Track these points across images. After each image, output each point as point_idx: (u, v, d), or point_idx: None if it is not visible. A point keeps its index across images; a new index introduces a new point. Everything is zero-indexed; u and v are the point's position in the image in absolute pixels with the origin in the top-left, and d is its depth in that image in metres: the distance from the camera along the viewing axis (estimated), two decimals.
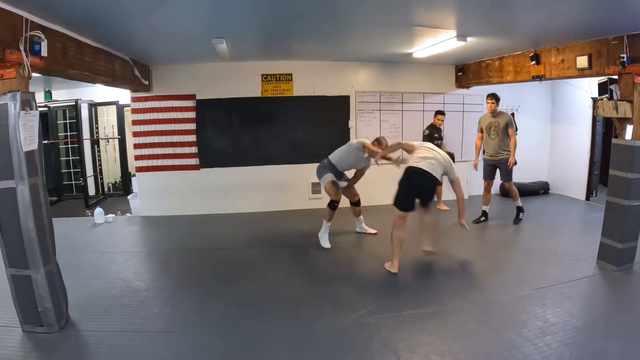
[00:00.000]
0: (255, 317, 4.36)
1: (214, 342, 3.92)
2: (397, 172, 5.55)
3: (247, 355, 3.72)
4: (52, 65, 4.34)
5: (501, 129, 7.50)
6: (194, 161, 8.62)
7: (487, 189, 7.92)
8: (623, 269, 5.34)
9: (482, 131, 7.86)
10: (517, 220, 7.69)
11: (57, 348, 3.80)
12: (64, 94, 10.64)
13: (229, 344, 3.88)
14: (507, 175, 7.67)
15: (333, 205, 6.39)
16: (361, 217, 7.16)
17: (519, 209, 7.74)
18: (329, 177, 6.44)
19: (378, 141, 6.44)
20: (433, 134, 8.40)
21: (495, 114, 7.61)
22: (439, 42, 6.20)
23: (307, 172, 8.56)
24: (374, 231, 7.09)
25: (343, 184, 6.73)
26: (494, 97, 7.58)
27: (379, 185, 7.16)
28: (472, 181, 9.68)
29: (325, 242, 6.43)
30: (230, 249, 6.58)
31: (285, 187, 8.84)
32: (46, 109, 10.58)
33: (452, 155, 6.96)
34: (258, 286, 5.12)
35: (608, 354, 3.60)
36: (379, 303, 4.59)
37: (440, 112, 8.60)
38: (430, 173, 5.27)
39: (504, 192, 9.91)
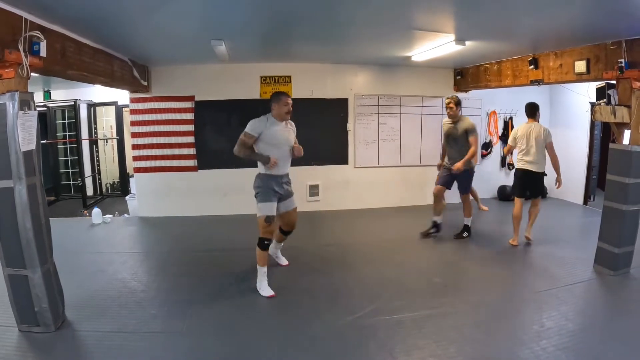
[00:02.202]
0: (252, 319, 4.37)
1: (211, 343, 3.91)
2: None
3: (244, 357, 3.72)
4: (51, 65, 4.35)
5: (459, 137, 6.64)
6: (192, 162, 8.62)
7: (438, 195, 6.97)
8: (620, 274, 5.36)
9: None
10: (459, 236, 6.97)
11: (53, 348, 3.80)
12: (62, 93, 10.63)
13: (226, 345, 3.88)
14: (464, 186, 6.97)
15: (264, 244, 4.96)
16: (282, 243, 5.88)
17: (466, 228, 7.02)
18: (270, 206, 4.98)
19: None
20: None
21: (455, 119, 6.72)
22: (438, 45, 6.21)
23: (305, 174, 8.62)
24: (286, 262, 5.87)
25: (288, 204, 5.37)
26: (454, 100, 6.68)
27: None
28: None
29: (266, 291, 4.93)
30: (227, 251, 6.57)
31: None
32: (45, 108, 10.57)
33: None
34: (254, 289, 5.12)
35: (604, 359, 3.61)
36: (375, 306, 4.59)
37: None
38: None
39: (502, 196, 9.95)
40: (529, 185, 6.58)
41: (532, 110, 6.57)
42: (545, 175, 6.55)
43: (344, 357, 3.71)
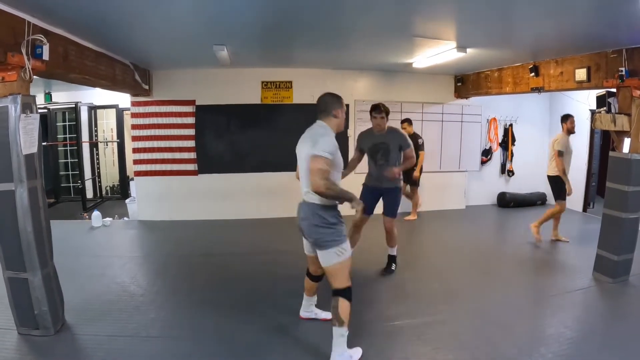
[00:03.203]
0: (251, 324, 4.36)
1: (211, 348, 3.91)
2: None
3: None
4: (54, 68, 4.37)
5: (392, 151, 5.42)
6: (192, 166, 8.63)
7: (359, 226, 5.71)
8: (619, 281, 5.37)
9: (361, 151, 5.69)
10: (387, 270, 5.79)
11: (53, 351, 3.79)
12: (64, 96, 10.63)
13: (225, 350, 3.88)
14: (392, 209, 5.65)
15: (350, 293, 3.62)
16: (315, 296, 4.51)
17: (392, 259, 5.89)
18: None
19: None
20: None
21: (383, 131, 5.45)
22: (439, 52, 6.23)
23: None
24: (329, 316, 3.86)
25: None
26: (379, 109, 5.37)
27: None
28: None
29: (355, 354, 3.73)
30: (227, 255, 6.58)
31: (283, 194, 8.81)
32: (46, 110, 10.57)
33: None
34: (255, 293, 5.12)
35: None
36: (373, 312, 4.59)
37: (405, 120, 8.53)
38: None
39: (502, 203, 9.96)
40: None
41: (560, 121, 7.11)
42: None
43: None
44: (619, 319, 4.53)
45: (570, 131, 6.86)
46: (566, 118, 6.91)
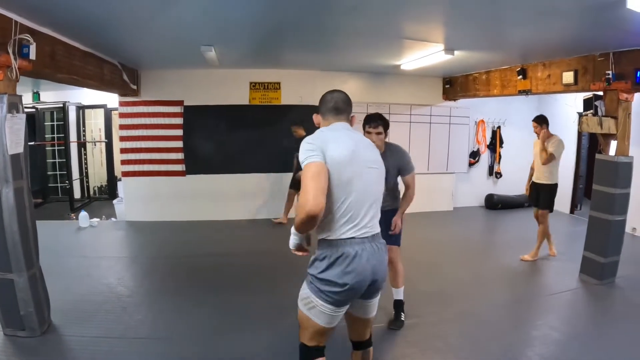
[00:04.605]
0: (239, 325, 4.36)
1: (198, 349, 3.90)
2: None
3: None
4: (41, 68, 4.34)
5: (389, 176, 3.89)
6: (180, 167, 8.60)
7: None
8: (605, 283, 5.42)
9: None
10: (396, 323, 4.33)
11: (39, 353, 3.77)
12: (52, 95, 10.53)
13: (213, 351, 3.88)
14: (395, 236, 4.28)
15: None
16: None
17: (400, 306, 4.46)
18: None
19: None
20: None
21: (380, 150, 4.95)
22: (427, 54, 6.25)
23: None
24: None
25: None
26: (375, 121, 4.27)
27: None
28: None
29: None
30: (214, 256, 6.57)
31: (270, 196, 8.85)
32: (33, 110, 10.49)
33: None
34: (242, 294, 5.11)
35: None
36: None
37: (295, 123, 7.84)
38: None
39: (489, 204, 10.01)
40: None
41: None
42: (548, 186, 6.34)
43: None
44: (605, 320, 4.57)
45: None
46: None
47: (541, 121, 6.26)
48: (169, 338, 4.10)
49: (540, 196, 6.31)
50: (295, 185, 7.84)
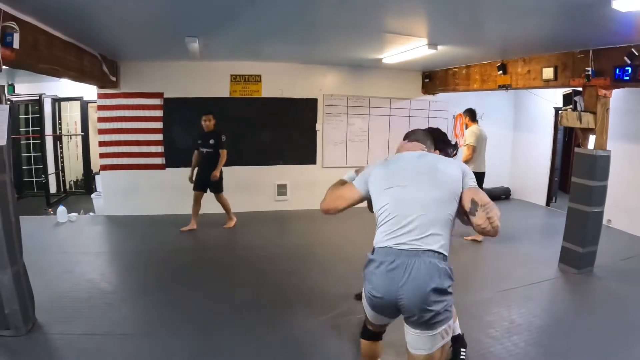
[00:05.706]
0: (224, 319, 4.37)
1: (185, 344, 3.90)
2: None
3: (217, 357, 3.74)
4: (23, 58, 4.27)
5: None
6: (159, 160, 8.54)
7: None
8: (583, 272, 5.58)
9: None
10: None
11: (25, 352, 3.72)
12: (27, 87, 10.36)
13: (199, 345, 3.88)
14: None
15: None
16: None
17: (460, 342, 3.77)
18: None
19: None
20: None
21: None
22: (410, 49, 6.30)
23: (273, 173, 8.68)
24: None
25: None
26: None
27: None
28: None
29: None
30: (196, 250, 6.57)
31: (250, 189, 8.83)
32: (8, 103, 10.29)
33: None
34: (227, 288, 5.12)
35: (571, 352, 3.78)
36: (349, 304, 4.63)
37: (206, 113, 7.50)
38: None
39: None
40: None
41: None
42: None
43: (318, 355, 3.74)
44: (584, 307, 4.75)
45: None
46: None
47: (465, 114, 6.86)
48: (157, 334, 4.08)
49: None
50: (210, 184, 7.47)
